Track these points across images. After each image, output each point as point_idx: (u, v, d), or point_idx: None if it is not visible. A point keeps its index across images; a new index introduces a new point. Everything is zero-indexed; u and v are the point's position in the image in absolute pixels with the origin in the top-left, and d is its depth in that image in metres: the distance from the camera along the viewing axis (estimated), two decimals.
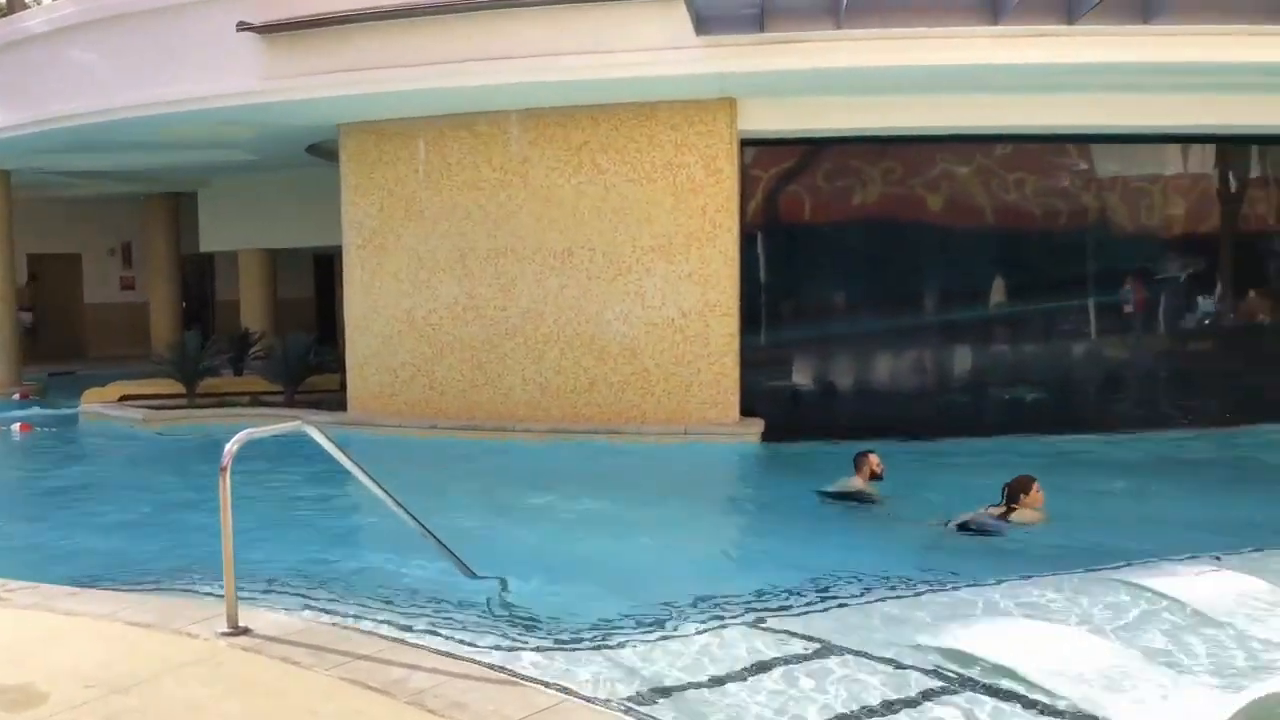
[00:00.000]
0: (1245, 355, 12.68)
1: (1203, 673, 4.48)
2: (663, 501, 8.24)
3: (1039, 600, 5.50)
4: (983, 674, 4.39)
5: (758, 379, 11.54)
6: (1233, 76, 10.08)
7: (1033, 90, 10.50)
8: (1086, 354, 12.36)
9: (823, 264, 11.98)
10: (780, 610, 5.35)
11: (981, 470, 9.54)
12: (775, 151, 11.68)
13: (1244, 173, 12.65)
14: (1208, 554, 6.23)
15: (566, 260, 11.15)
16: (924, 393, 12.13)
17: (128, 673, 3.88)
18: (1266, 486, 9.22)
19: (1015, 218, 11.97)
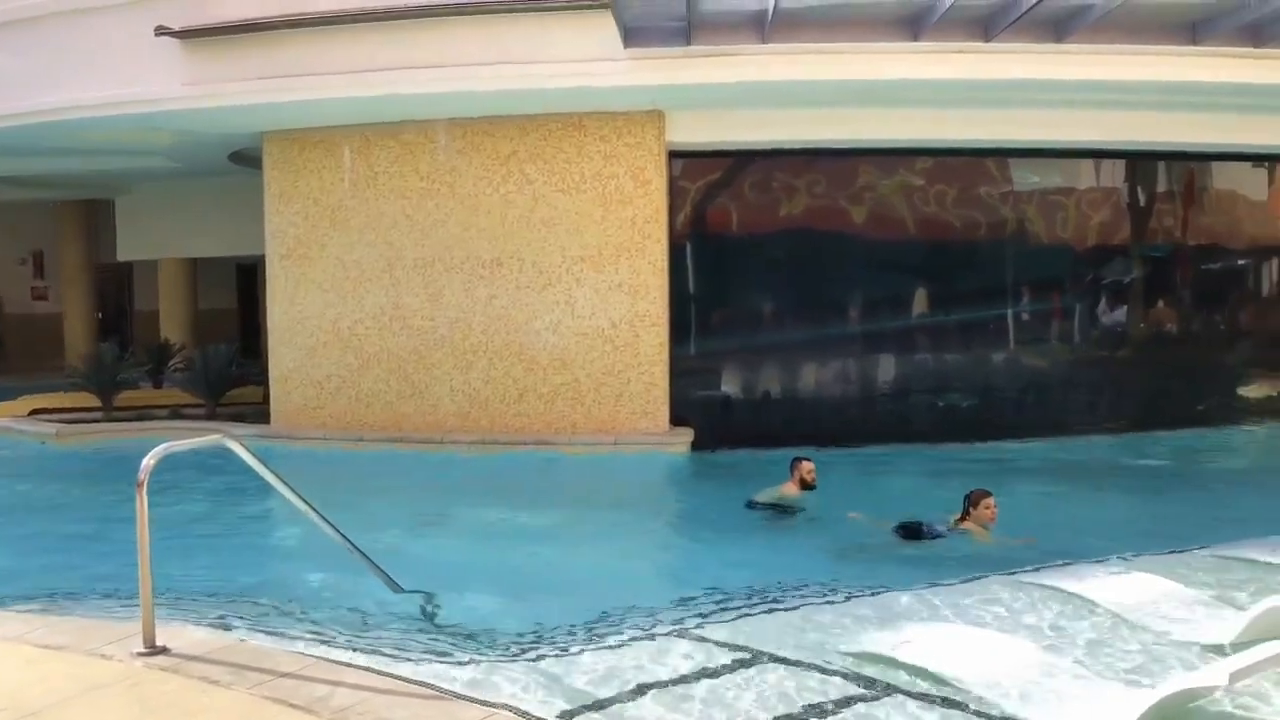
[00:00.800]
0: (1155, 363, 13.14)
1: (1115, 672, 4.62)
2: (592, 512, 8.24)
3: (959, 603, 5.61)
4: (906, 678, 4.47)
5: (687, 388, 11.62)
6: (1140, 94, 10.47)
7: (952, 105, 10.78)
8: (1005, 362, 12.69)
9: (750, 275, 12.13)
10: (709, 618, 5.38)
11: (905, 476, 9.79)
12: (703, 163, 11.80)
13: (1152, 187, 13.14)
14: (1118, 555, 6.43)
15: (495, 270, 11.10)
16: (850, 401, 12.34)
17: (39, 697, 3.75)
18: (1175, 489, 9.56)
19: (936, 229, 12.25)
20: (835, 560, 6.72)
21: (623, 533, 7.87)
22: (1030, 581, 5.96)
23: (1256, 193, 13.82)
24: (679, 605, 5.64)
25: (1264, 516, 7.63)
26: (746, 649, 4.86)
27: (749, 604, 5.66)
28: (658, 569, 7.10)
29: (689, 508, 9.26)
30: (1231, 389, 13.76)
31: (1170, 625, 5.14)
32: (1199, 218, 13.36)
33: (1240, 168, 13.36)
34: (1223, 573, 6.13)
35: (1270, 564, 6.20)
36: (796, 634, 5.11)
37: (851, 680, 4.47)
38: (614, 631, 5.14)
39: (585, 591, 6.03)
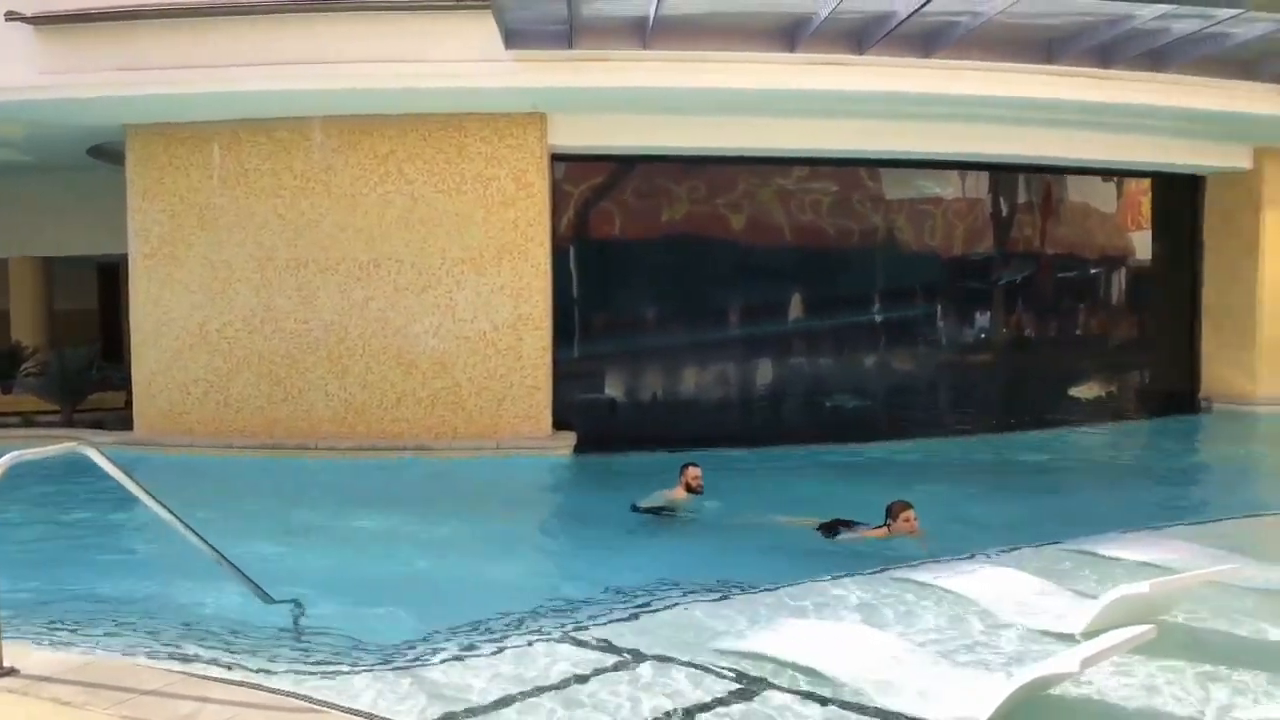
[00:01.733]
0: (1016, 366, 13.79)
1: (976, 662, 4.82)
2: (473, 517, 8.15)
3: (834, 600, 5.78)
4: (780, 674, 4.57)
5: (570, 392, 11.62)
6: (1002, 109, 10.97)
7: (828, 115, 11.07)
8: (877, 366, 13.11)
9: (633, 279, 12.22)
10: (589, 622, 5.39)
11: (787, 476, 9.99)
12: (586, 167, 11.84)
13: (1013, 198, 13.79)
14: (982, 551, 6.72)
15: (373, 271, 10.88)
16: (730, 404, 12.56)
17: None
18: (1034, 486, 10.03)
19: (811, 236, 12.58)
20: (718, 561, 6.79)
21: (504, 538, 7.81)
22: (900, 577, 6.18)
23: (1106, 205, 14.66)
24: (560, 609, 5.63)
25: (1111, 512, 8.09)
26: (626, 650, 4.90)
27: (630, 606, 5.69)
28: (539, 573, 7.06)
29: (572, 512, 9.25)
30: (1089, 390, 14.55)
31: (1027, 617, 5.40)
32: (1056, 228, 14.09)
33: (1092, 181, 14.16)
34: (1075, 566, 6.48)
35: (1118, 558, 6.57)
36: (675, 634, 5.17)
37: (728, 678, 4.55)
38: (493, 638, 5.11)
39: (465, 598, 5.96)
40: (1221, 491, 9.87)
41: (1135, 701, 4.37)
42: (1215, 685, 4.51)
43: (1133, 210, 14.94)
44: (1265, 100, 11.69)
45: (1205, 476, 11.15)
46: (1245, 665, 4.73)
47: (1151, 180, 14.60)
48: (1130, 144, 12.59)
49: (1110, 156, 12.77)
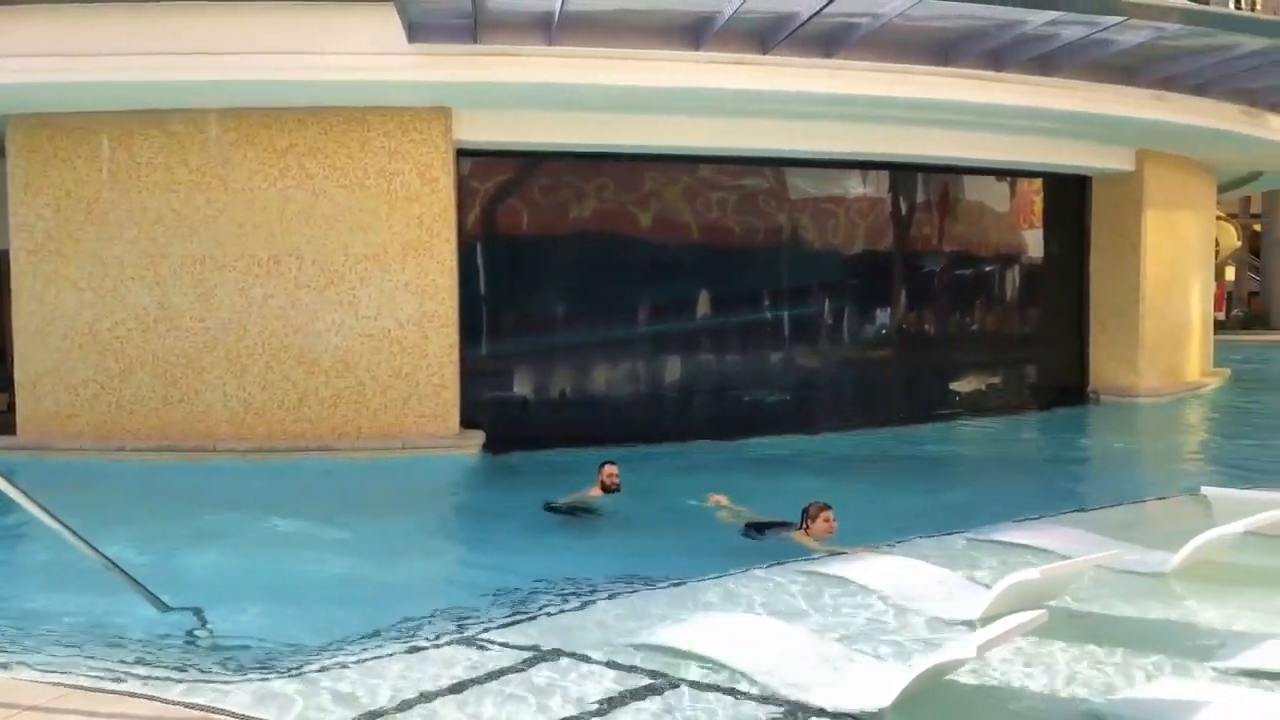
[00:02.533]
0: (917, 361, 14.16)
1: (881, 651, 4.94)
2: (378, 519, 8.01)
3: (742, 593, 5.86)
4: (690, 668, 4.61)
5: (478, 390, 11.51)
6: (901, 110, 11.24)
7: (733, 114, 11.20)
8: (784, 362, 13.30)
9: (541, 276, 12.15)
10: (495, 622, 5.35)
11: (698, 473, 10.06)
12: (493, 163, 11.73)
13: (912, 198, 14.14)
14: (885, 542, 6.88)
15: (272, 268, 10.60)
16: (639, 400, 12.59)
17: None
18: (935, 478, 10.32)
19: (718, 235, 12.69)
20: (629, 558, 6.81)
21: (409, 539, 7.70)
22: (806, 569, 6.29)
23: (1001, 205, 15.16)
24: (466, 611, 5.57)
25: (1008, 501, 8.36)
26: (535, 649, 4.88)
27: (537, 605, 5.67)
28: (445, 575, 6.98)
29: (480, 511, 9.16)
30: (985, 384, 15.02)
31: (929, 605, 5.55)
32: (953, 227, 14.51)
33: (987, 181, 14.62)
34: (972, 553, 6.69)
35: (1013, 544, 6.81)
36: (585, 632, 5.18)
37: (639, 674, 4.57)
38: (396, 641, 5.03)
39: (369, 602, 5.86)
40: (1107, 479, 10.30)
41: (1029, 683, 4.54)
42: (1103, 665, 4.71)
43: (1025, 210, 15.48)
44: (1145, 105, 12.25)
45: (1092, 465, 11.63)
46: (1130, 645, 4.95)
47: (1043, 180, 15.14)
48: (1022, 145, 13.04)
49: (1003, 157, 13.21)
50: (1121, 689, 4.46)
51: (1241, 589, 5.85)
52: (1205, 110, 12.96)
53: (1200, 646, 4.94)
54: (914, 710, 4.09)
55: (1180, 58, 11.57)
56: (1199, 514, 7.01)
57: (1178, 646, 4.95)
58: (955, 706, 4.31)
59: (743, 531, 7.33)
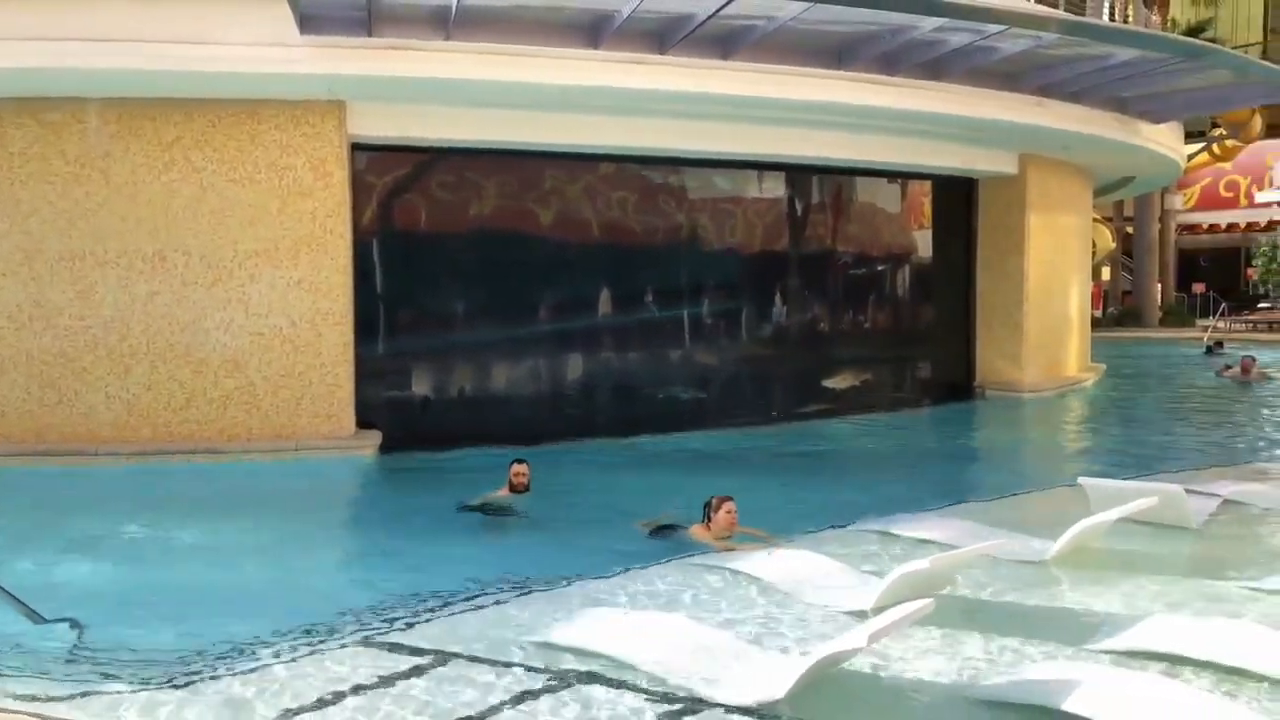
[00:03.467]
0: (812, 358, 14.45)
1: (775, 643, 5.04)
2: (269, 523, 7.79)
3: (641, 589, 5.90)
4: (588, 665, 4.63)
5: (375, 390, 11.31)
6: (796, 112, 11.45)
7: (632, 114, 11.24)
8: (683, 360, 13.42)
9: (440, 274, 12.01)
10: (396, 625, 5.28)
11: (601, 471, 10.09)
12: (389, 159, 11.53)
13: (808, 199, 14.43)
14: (783, 535, 7.01)
15: (158, 265, 10.21)
16: (540, 399, 12.55)
17: None
18: (829, 472, 10.55)
19: (619, 233, 12.74)
20: (532, 557, 6.76)
21: (306, 543, 7.51)
22: (703, 564, 6.37)
23: (892, 206, 15.58)
24: (367, 614, 5.47)
25: (900, 494, 8.60)
26: (433, 652, 4.83)
27: (441, 607, 5.60)
28: (340, 579, 6.82)
29: (376, 513, 8.99)
30: (879, 381, 15.41)
31: (823, 597, 5.69)
32: (846, 227, 14.86)
33: (879, 182, 15.01)
34: (866, 546, 6.87)
35: (903, 536, 7.02)
36: (484, 632, 5.14)
37: (538, 674, 4.56)
38: (288, 647, 4.92)
39: (261, 608, 5.69)
40: (992, 472, 10.69)
41: (919, 670, 4.68)
42: (987, 650, 4.90)
43: (916, 211, 15.96)
44: (1027, 110, 12.74)
45: (979, 459, 12.05)
46: (1013, 630, 5.16)
47: (932, 183, 15.62)
48: (912, 148, 13.43)
49: (895, 159, 13.58)
50: (1005, 672, 4.64)
51: (1115, 574, 6.14)
52: (1082, 117, 13.56)
53: (1077, 629, 5.17)
54: (809, 700, 4.19)
55: (1058, 66, 12.08)
56: (1076, 503, 7.30)
57: (1057, 630, 5.18)
58: (849, 695, 4.42)
59: (649, 534, 7.30)
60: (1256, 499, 8.15)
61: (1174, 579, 6.12)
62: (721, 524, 6.90)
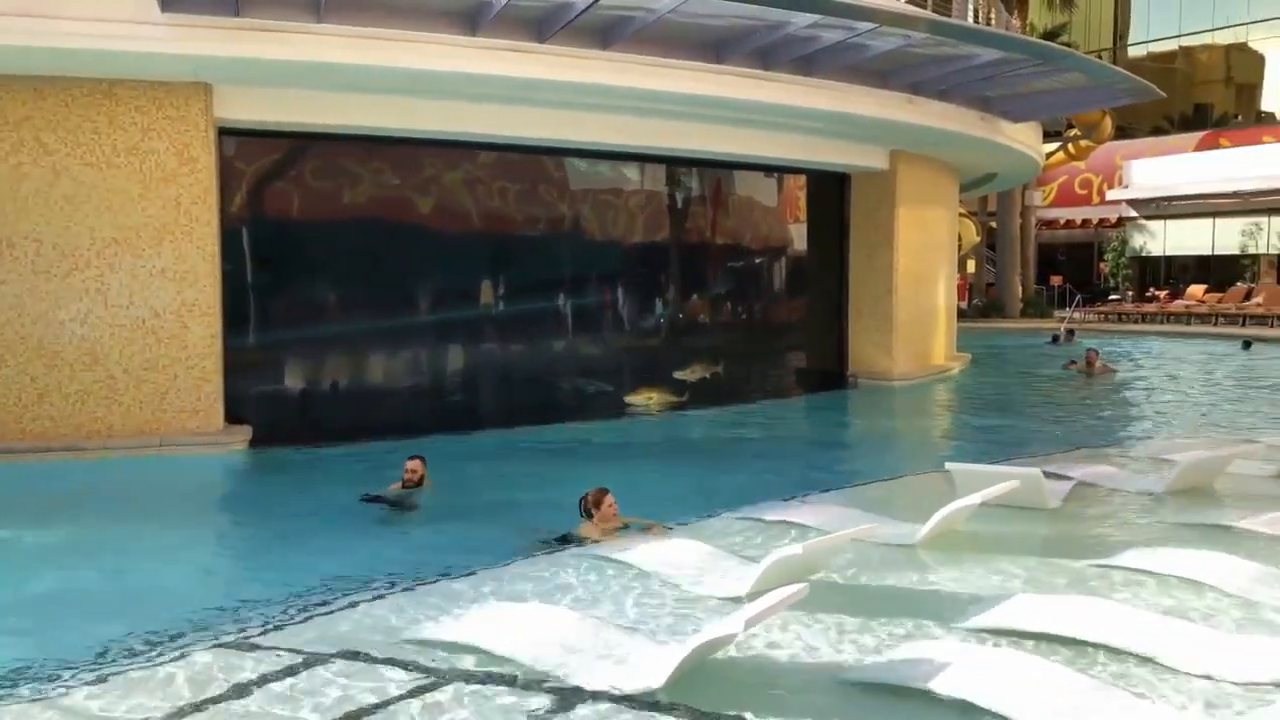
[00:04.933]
0: (690, 348, 14.62)
1: (654, 631, 5.08)
2: (129, 523, 7.44)
3: (522, 581, 5.87)
4: (467, 661, 4.58)
5: (245, 383, 10.95)
6: (675, 105, 11.56)
7: (512, 102, 11.15)
8: (565, 350, 13.41)
9: (314, 263, 11.69)
10: (266, 626, 5.12)
11: (481, 462, 9.98)
12: (260, 144, 11.16)
13: (688, 191, 14.59)
14: (663, 523, 7.07)
15: (6, 252, 9.64)
16: (419, 391, 12.36)
17: None
18: (709, 460, 10.69)
19: (499, 223, 12.63)
20: (415, 552, 6.66)
21: (167, 543, 7.19)
22: (584, 554, 6.38)
23: (769, 199, 15.88)
24: (234, 614, 5.30)
25: (775, 480, 8.78)
26: (302, 653, 4.70)
27: (312, 606, 5.46)
28: (206, 580, 6.56)
29: (246, 511, 8.68)
30: (756, 370, 15.71)
31: (700, 584, 5.76)
32: (725, 220, 15.08)
33: (756, 176, 15.27)
34: (742, 532, 6.99)
35: (778, 522, 7.17)
36: (357, 631, 5.04)
37: (413, 670, 4.49)
38: (153, 651, 4.72)
39: (119, 613, 5.43)
40: (864, 458, 11.00)
41: (794, 654, 4.79)
42: (860, 632, 5.04)
43: (791, 204, 16.31)
44: (897, 107, 13.16)
45: (851, 445, 12.40)
46: (884, 613, 5.32)
47: (807, 177, 15.98)
48: (788, 142, 13.71)
49: (771, 153, 13.85)
50: (876, 653, 4.79)
51: (980, 555, 6.41)
52: (949, 115, 14.08)
53: (946, 610, 5.37)
54: (687, 687, 4.24)
55: (927, 65, 12.51)
56: (943, 488, 7.59)
57: (926, 611, 5.37)
58: (726, 681, 4.49)
59: (543, 538, 7.21)
60: (1107, 480, 8.62)
61: (1033, 558, 6.42)
62: (605, 516, 6.91)
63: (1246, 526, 6.93)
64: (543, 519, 7.23)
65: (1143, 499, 8.06)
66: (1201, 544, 6.50)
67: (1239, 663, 4.56)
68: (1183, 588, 5.68)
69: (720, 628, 4.36)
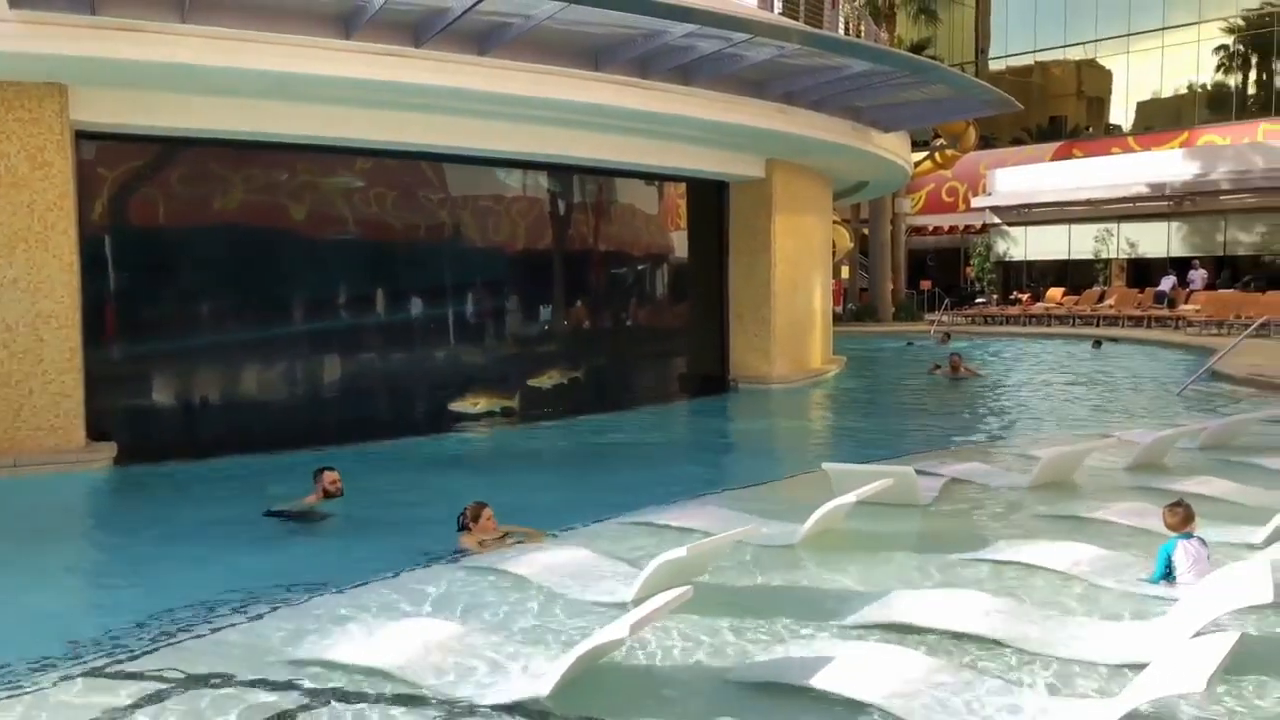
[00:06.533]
0: (573, 355, 14.62)
1: (540, 640, 5.07)
2: None
3: (404, 594, 5.77)
4: (347, 679, 4.48)
5: (108, 398, 10.46)
6: (557, 111, 11.55)
7: (388, 107, 10.95)
8: (446, 359, 13.23)
9: (182, 272, 11.25)
10: (134, 651, 4.90)
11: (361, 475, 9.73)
12: (123, 148, 10.69)
13: (570, 198, 14.59)
14: (547, 531, 7.05)
15: None
16: (295, 404, 11.99)
17: None
18: (591, 466, 10.70)
19: (378, 231, 12.39)
20: (288, 568, 6.45)
21: (22, 568, 6.79)
22: (468, 566, 6.31)
23: (650, 207, 16.03)
24: (94, 643, 5.04)
25: (661, 484, 8.85)
26: (173, 678, 4.52)
27: (180, 629, 5.25)
28: (67, 606, 6.21)
29: (107, 532, 8.25)
30: (640, 376, 15.81)
31: (586, 591, 5.77)
32: (608, 227, 15.15)
33: (637, 184, 15.39)
34: (626, 538, 7.03)
35: (662, 526, 7.23)
36: (235, 651, 4.87)
37: (290, 691, 4.37)
38: (15, 682, 4.46)
39: None
40: (745, 460, 11.21)
41: (680, 656, 4.84)
42: (744, 632, 5.13)
43: (672, 212, 16.49)
44: (772, 117, 13.46)
45: (733, 448, 12.61)
46: (767, 612, 5.43)
47: (687, 185, 16.19)
48: (667, 150, 13.87)
49: (651, 161, 13.98)
50: (760, 652, 4.88)
51: (857, 552, 6.60)
52: (822, 124, 14.47)
53: (826, 607, 5.51)
54: (574, 694, 4.24)
55: (800, 75, 12.84)
56: (822, 488, 7.77)
57: (807, 609, 5.49)
58: (613, 687, 4.51)
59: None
60: (975, 476, 8.98)
61: (908, 554, 6.65)
62: (488, 530, 6.85)
63: (1103, 517, 7.33)
64: (423, 532, 7.12)
65: (1008, 494, 8.43)
66: (1063, 535, 6.85)
67: (1100, 646, 4.82)
68: (1047, 577, 5.97)
69: (606, 633, 4.37)
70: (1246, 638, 4.26)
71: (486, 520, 6.86)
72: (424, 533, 7.13)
